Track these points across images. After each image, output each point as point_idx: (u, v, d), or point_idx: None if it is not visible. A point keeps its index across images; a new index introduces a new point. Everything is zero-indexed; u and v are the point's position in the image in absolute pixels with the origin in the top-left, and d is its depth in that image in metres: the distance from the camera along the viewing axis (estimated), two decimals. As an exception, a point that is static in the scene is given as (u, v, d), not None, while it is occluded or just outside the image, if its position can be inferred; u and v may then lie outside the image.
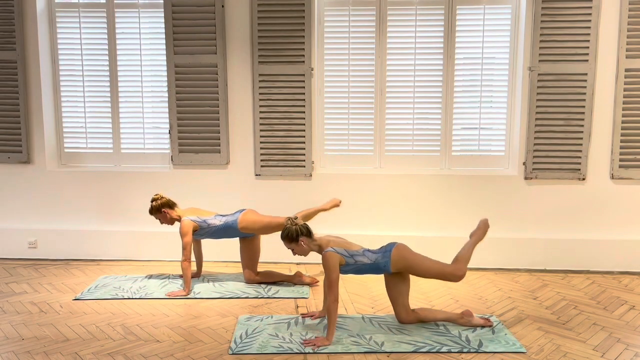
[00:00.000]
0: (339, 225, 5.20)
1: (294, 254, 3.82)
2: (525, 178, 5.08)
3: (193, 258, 4.76)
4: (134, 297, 4.38)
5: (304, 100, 5.09)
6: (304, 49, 5.04)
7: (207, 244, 4.94)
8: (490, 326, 3.80)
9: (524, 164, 5.06)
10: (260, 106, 5.11)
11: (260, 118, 5.12)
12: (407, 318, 3.83)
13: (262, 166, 5.19)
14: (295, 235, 3.70)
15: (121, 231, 5.34)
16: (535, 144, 5.02)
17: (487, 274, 4.98)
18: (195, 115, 5.17)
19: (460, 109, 5.20)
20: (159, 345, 3.58)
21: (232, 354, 3.44)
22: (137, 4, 5.28)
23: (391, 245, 3.73)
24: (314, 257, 5.24)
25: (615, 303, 4.31)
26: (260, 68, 5.07)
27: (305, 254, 3.78)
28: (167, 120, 5.26)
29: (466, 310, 3.87)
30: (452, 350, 3.48)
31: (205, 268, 4.98)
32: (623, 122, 4.96)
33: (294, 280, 4.65)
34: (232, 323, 3.91)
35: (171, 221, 4.58)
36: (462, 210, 5.13)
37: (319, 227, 5.21)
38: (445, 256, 5.24)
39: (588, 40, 4.89)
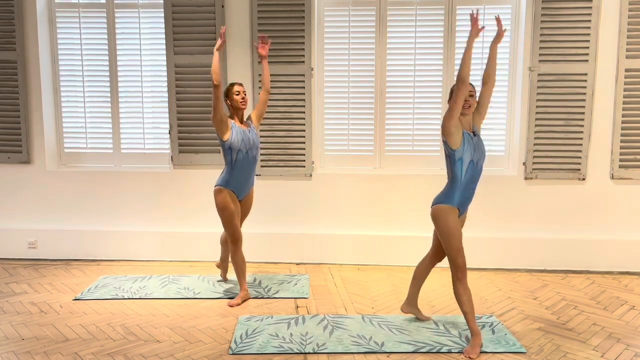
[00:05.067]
0: (338, 225, 5.20)
1: None
2: (525, 178, 5.08)
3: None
4: (134, 297, 4.37)
5: (304, 100, 5.09)
6: (304, 49, 5.04)
7: (207, 244, 4.93)
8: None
9: (524, 164, 5.06)
10: (260, 106, 5.11)
11: (260, 118, 5.12)
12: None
13: (262, 166, 5.18)
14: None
15: (121, 231, 5.34)
16: (535, 144, 5.02)
17: (487, 274, 4.98)
18: (195, 115, 5.17)
19: (460, 109, 5.19)
20: (159, 345, 3.58)
21: (232, 354, 3.44)
22: (137, 4, 5.28)
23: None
24: (314, 257, 5.26)
25: (615, 303, 4.31)
26: (260, 68, 5.07)
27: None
28: (167, 120, 5.26)
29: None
30: (452, 351, 3.48)
31: (205, 268, 4.98)
32: (623, 122, 4.96)
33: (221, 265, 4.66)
34: (232, 323, 3.91)
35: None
36: (462, 210, 5.13)
37: (318, 227, 5.22)
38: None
39: (588, 40, 4.89)
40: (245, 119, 4.29)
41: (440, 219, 3.45)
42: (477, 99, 3.53)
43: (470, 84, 3.45)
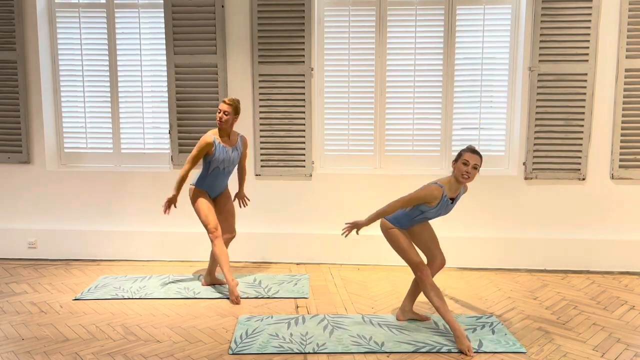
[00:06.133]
0: (338, 225, 5.19)
1: None
2: (525, 178, 5.08)
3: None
4: (134, 297, 4.37)
5: (304, 100, 5.09)
6: (304, 49, 5.04)
7: (207, 244, 4.93)
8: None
9: (524, 164, 5.06)
10: (260, 106, 5.11)
11: (260, 118, 5.12)
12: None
13: (262, 166, 5.19)
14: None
15: (121, 231, 5.34)
16: (535, 144, 5.02)
17: (487, 274, 4.98)
18: (195, 115, 5.17)
19: (460, 109, 5.20)
20: (159, 345, 3.58)
21: (232, 354, 3.44)
22: (137, 4, 5.28)
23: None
24: (314, 257, 5.26)
25: (615, 303, 4.31)
26: (260, 68, 5.07)
27: None
28: (167, 120, 5.26)
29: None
30: (452, 350, 3.48)
31: (205, 268, 4.97)
32: (623, 122, 4.96)
33: (214, 279, 4.65)
34: (232, 323, 3.91)
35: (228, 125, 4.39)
36: (462, 211, 5.12)
37: (318, 227, 5.22)
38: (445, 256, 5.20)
39: (588, 41, 4.89)
40: (235, 137, 4.45)
41: (384, 231, 3.81)
42: (478, 171, 3.58)
43: (479, 155, 3.57)
